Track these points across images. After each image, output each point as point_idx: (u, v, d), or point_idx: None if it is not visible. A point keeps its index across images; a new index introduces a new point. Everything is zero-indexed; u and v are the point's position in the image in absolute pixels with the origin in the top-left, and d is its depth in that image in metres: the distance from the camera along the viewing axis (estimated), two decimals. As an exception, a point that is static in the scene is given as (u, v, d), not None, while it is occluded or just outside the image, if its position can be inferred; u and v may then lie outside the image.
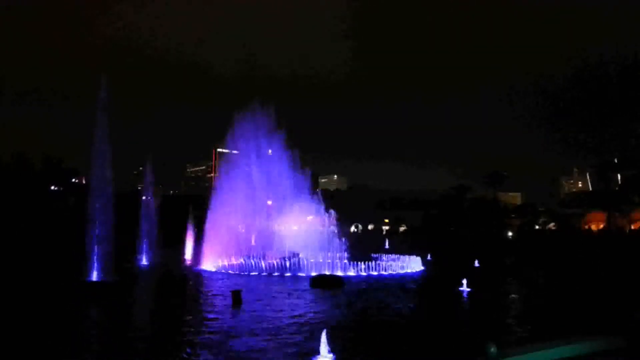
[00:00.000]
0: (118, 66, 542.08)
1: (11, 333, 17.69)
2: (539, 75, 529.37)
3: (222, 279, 35.49)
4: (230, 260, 42.30)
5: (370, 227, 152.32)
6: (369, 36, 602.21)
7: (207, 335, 17.54)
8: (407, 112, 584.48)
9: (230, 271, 39.70)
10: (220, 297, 26.42)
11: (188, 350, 15.42)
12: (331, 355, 14.17)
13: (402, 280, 34.74)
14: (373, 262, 40.50)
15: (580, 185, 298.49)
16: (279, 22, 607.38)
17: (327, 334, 14.35)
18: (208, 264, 43.10)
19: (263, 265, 39.27)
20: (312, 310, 23.66)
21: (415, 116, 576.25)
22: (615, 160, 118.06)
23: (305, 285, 31.35)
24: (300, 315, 21.99)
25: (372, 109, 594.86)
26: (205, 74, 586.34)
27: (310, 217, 49.84)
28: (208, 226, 48.30)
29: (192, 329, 18.68)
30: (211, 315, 21.70)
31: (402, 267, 41.67)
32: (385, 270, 39.73)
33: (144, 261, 46.91)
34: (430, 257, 52.01)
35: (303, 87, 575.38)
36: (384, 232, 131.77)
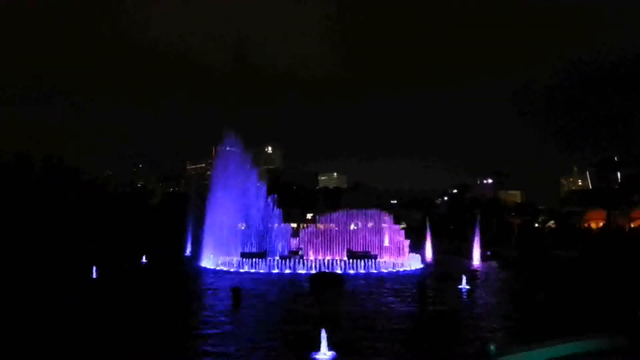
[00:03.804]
0: (117, 63, 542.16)
1: None
2: (539, 73, 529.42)
3: (222, 276, 35.45)
4: (230, 257, 42.30)
5: (370, 225, 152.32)
6: (372, 33, 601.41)
7: (208, 333, 17.53)
8: (407, 110, 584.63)
9: (230, 268, 39.69)
10: (220, 295, 26.39)
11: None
12: (331, 352, 14.15)
13: (401, 278, 34.70)
14: (372, 260, 40.45)
15: (580, 183, 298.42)
16: (278, 20, 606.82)
17: (326, 331, 14.32)
18: (208, 261, 43.07)
19: (263, 262, 39.25)
20: (311, 308, 23.64)
21: (416, 114, 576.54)
22: (616, 159, 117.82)
23: (305, 283, 31.32)
24: (299, 313, 21.99)
25: (373, 106, 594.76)
26: (204, 71, 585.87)
27: (309, 216, 49.76)
28: (207, 223, 48.33)
29: (193, 329, 18.66)
30: (211, 313, 21.67)
31: (402, 265, 41.66)
32: (385, 268, 39.71)
33: (144, 259, 46.83)
34: (431, 255, 51.98)
35: (303, 84, 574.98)
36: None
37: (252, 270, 38.33)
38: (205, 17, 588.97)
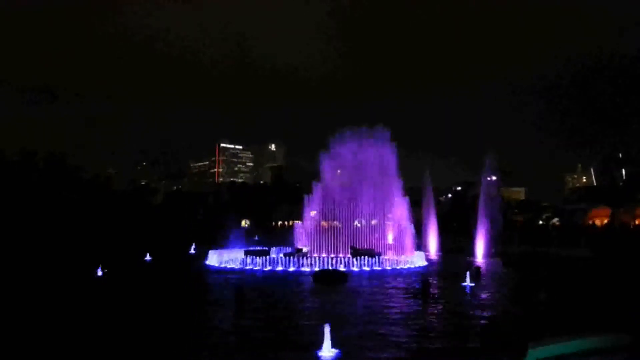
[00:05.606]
0: (120, 61, 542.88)
1: None
2: (543, 71, 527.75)
3: (226, 274, 35.51)
4: (234, 255, 42.40)
5: (373, 222, 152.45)
6: (373, 31, 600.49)
7: (210, 332, 17.59)
8: (410, 108, 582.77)
9: (234, 266, 39.76)
10: (224, 293, 26.45)
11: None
12: (334, 349, 14.18)
13: (405, 276, 34.68)
14: (376, 258, 40.41)
15: (584, 180, 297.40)
16: (277, 20, 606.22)
17: (330, 328, 14.35)
18: (212, 259, 43.16)
19: (267, 260, 39.31)
20: (315, 306, 23.71)
21: (419, 112, 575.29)
22: (620, 156, 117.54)
23: (309, 280, 31.37)
24: (303, 311, 22.03)
25: (375, 104, 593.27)
26: (203, 69, 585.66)
27: (313, 213, 49.82)
28: (215, 221, 48.55)
29: (196, 329, 18.72)
30: (214, 311, 21.74)
31: (406, 263, 41.63)
32: (389, 266, 39.69)
33: (148, 256, 46.94)
34: (435, 252, 51.90)
35: (306, 82, 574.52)
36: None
37: (257, 268, 38.39)
38: (207, 16, 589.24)
